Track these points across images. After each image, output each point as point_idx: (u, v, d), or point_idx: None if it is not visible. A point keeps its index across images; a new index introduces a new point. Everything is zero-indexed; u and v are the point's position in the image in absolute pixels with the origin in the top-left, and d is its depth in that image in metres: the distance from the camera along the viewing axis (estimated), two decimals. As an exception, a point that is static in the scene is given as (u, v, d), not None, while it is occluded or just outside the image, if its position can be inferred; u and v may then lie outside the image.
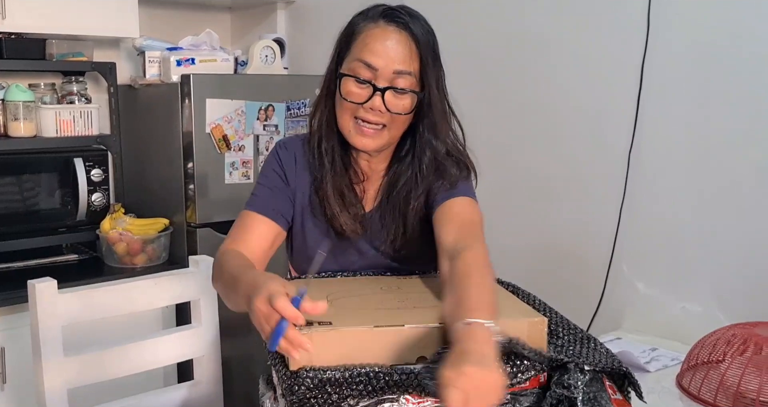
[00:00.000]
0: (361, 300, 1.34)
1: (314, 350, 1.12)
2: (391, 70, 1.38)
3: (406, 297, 1.35)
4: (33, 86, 2.79)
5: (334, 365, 1.13)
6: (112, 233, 2.70)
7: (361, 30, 1.42)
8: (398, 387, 1.12)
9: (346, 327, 1.16)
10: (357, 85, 1.40)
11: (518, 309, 1.29)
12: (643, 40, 2.09)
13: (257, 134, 2.80)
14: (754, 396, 1.45)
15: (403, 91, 1.39)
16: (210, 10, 3.47)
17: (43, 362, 1.64)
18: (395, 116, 1.41)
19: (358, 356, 1.15)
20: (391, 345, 1.16)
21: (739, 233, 1.96)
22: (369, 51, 1.38)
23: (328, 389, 1.11)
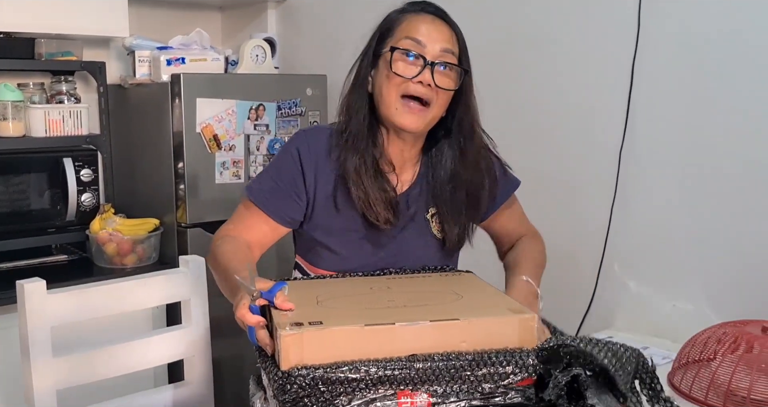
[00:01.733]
0: (351, 300, 1.34)
1: (305, 352, 1.12)
2: (439, 48, 1.45)
3: (396, 297, 1.35)
4: (22, 86, 2.77)
5: (325, 363, 1.13)
6: (102, 234, 2.69)
7: (404, 18, 1.50)
8: (391, 383, 1.12)
9: (336, 326, 1.16)
10: (406, 60, 1.45)
11: (510, 306, 1.29)
12: (633, 38, 2.09)
13: (248, 134, 2.79)
14: (745, 394, 1.45)
15: (450, 66, 1.47)
16: (200, 9, 3.46)
17: (32, 363, 1.63)
18: (440, 93, 1.46)
19: (349, 355, 1.14)
20: (382, 344, 1.16)
21: (730, 231, 1.96)
22: (416, 30, 1.46)
23: (320, 387, 1.11)
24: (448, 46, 1.47)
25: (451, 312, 1.24)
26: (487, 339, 1.20)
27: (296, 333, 1.12)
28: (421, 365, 1.14)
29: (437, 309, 1.28)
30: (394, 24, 1.50)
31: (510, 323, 1.21)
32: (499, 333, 1.21)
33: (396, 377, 1.12)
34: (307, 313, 1.21)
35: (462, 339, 1.19)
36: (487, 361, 1.16)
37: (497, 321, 1.22)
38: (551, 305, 1.43)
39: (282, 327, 1.13)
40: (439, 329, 1.19)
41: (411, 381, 1.13)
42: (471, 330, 1.20)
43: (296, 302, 1.25)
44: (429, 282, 1.48)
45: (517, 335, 1.20)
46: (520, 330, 1.21)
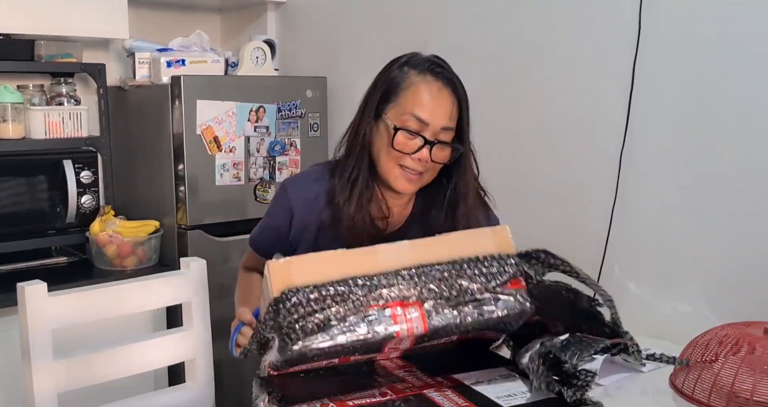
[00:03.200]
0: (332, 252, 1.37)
1: (293, 275, 1.16)
2: (439, 126, 1.50)
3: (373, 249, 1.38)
4: (21, 88, 2.77)
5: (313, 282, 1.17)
6: (102, 236, 2.68)
7: (410, 83, 1.52)
8: (382, 295, 1.17)
9: (321, 252, 1.22)
10: (407, 136, 1.50)
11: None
12: (634, 41, 2.09)
13: (248, 136, 2.79)
14: (747, 395, 1.45)
15: (446, 144, 1.53)
16: (200, 11, 3.46)
17: (33, 365, 1.63)
18: (435, 165, 1.54)
19: (336, 277, 1.18)
20: (365, 265, 1.20)
21: (730, 233, 1.96)
22: (420, 105, 1.50)
23: (313, 305, 1.14)
24: (449, 124, 1.52)
25: (429, 239, 1.31)
26: (466, 251, 1.26)
27: (284, 261, 1.17)
28: (407, 273, 1.19)
29: (415, 241, 1.32)
30: (399, 86, 1.53)
31: (485, 234, 1.30)
32: (476, 245, 1.27)
33: (385, 289, 1.17)
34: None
35: (442, 253, 1.25)
36: (470, 263, 1.23)
37: (473, 233, 1.31)
38: (553, 307, 1.42)
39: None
40: (419, 246, 1.25)
41: (400, 291, 1.18)
42: (449, 243, 1.27)
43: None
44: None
45: (493, 244, 1.27)
46: (496, 239, 1.29)
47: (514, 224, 2.44)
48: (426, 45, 2.65)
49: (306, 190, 1.63)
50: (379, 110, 1.54)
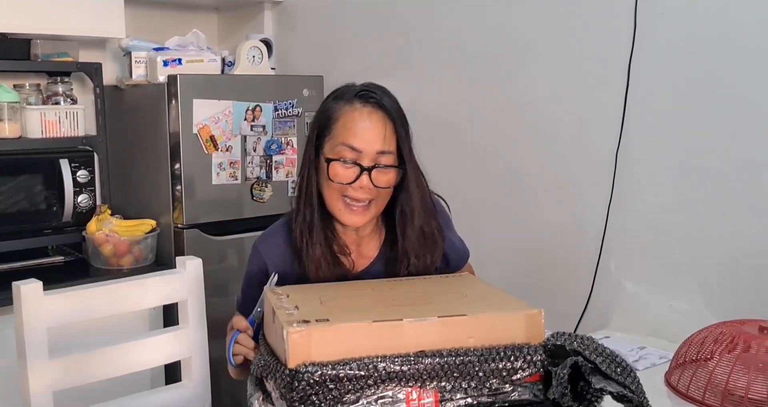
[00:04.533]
0: (355, 300, 1.34)
1: (312, 346, 1.12)
2: (375, 151, 1.48)
3: (398, 297, 1.35)
4: (18, 87, 2.77)
5: (333, 360, 1.13)
6: (99, 235, 2.68)
7: (340, 114, 1.51)
8: (399, 379, 1.13)
9: (343, 322, 1.16)
10: (343, 167, 1.48)
11: (515, 304, 1.30)
12: (630, 39, 2.10)
13: (245, 135, 2.79)
14: (742, 393, 1.45)
15: (386, 167, 1.49)
16: (197, 10, 3.46)
17: (29, 364, 1.63)
18: (381, 190, 1.51)
19: (357, 351, 1.14)
20: (389, 340, 1.16)
21: (725, 231, 1.96)
22: (352, 134, 1.48)
23: (329, 384, 1.11)
24: (384, 148, 1.49)
25: (458, 308, 1.25)
26: (494, 335, 1.21)
27: (304, 329, 1.12)
28: (429, 360, 1.15)
29: (443, 306, 1.29)
30: (330, 119, 1.52)
31: (517, 318, 1.22)
32: (506, 329, 1.22)
33: (404, 373, 1.13)
34: (311, 312, 1.22)
35: (469, 335, 1.20)
36: (496, 356, 1.17)
37: (505, 316, 1.22)
38: (549, 306, 1.43)
39: (289, 325, 1.13)
40: (447, 325, 1.19)
41: (419, 377, 1.14)
42: (478, 325, 1.21)
43: (300, 303, 1.26)
44: (431, 283, 1.48)
45: (524, 330, 1.21)
46: (528, 325, 1.22)
47: (510, 223, 2.46)
48: (423, 44, 2.66)
49: (274, 245, 1.62)
50: (318, 147, 1.53)
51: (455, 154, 2.57)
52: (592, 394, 1.18)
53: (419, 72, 2.68)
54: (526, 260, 2.42)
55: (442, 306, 1.28)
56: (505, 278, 1.78)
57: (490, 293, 1.39)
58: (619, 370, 1.18)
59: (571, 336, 1.23)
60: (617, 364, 1.19)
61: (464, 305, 1.31)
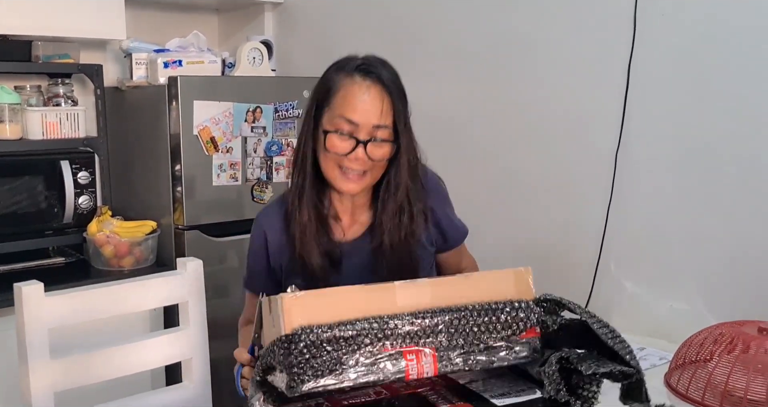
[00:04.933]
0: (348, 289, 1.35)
1: (306, 312, 1.13)
2: (371, 125, 1.51)
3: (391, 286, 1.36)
4: (19, 88, 2.77)
5: (328, 322, 1.14)
6: (99, 236, 2.69)
7: (340, 86, 1.54)
8: (395, 338, 1.14)
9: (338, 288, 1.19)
10: (340, 139, 1.52)
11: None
12: (629, 40, 2.10)
13: (245, 136, 2.79)
14: (741, 394, 1.45)
15: (382, 141, 1.53)
16: (197, 11, 3.46)
17: (30, 365, 1.63)
18: (375, 163, 1.54)
19: (351, 314, 1.15)
20: (382, 303, 1.18)
21: (725, 232, 1.96)
22: (350, 108, 1.51)
23: (326, 346, 1.11)
24: (380, 122, 1.51)
25: (449, 278, 1.29)
26: (485, 293, 1.23)
27: (299, 295, 1.14)
28: (423, 317, 1.17)
29: (435, 279, 1.30)
30: (330, 90, 1.55)
31: (506, 275, 1.26)
32: (496, 287, 1.25)
33: (399, 332, 1.14)
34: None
35: (461, 295, 1.22)
36: (488, 309, 1.20)
37: (493, 274, 1.26)
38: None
39: (285, 296, 1.14)
40: (439, 284, 1.22)
41: (414, 334, 1.15)
42: (469, 284, 1.24)
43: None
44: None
45: (513, 287, 1.24)
46: (517, 282, 1.26)
47: (510, 223, 2.46)
48: (423, 45, 2.66)
49: (273, 214, 1.67)
50: (316, 117, 1.57)
51: (455, 154, 2.57)
52: (587, 387, 1.19)
53: (420, 72, 2.68)
54: (526, 260, 2.38)
55: (434, 280, 1.30)
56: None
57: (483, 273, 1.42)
58: (609, 334, 1.20)
59: (561, 299, 1.26)
60: (605, 326, 1.21)
61: (456, 276, 1.34)
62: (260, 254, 1.68)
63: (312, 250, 1.58)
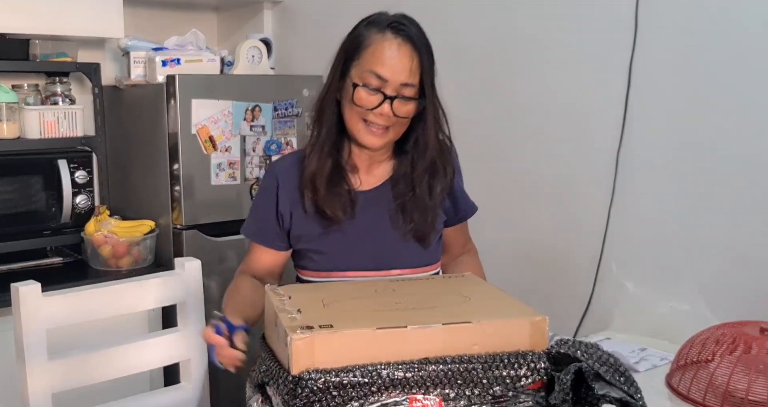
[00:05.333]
0: (358, 303, 1.33)
1: (316, 354, 1.12)
2: (398, 82, 1.53)
3: (402, 299, 1.34)
4: (16, 87, 2.76)
5: (336, 367, 1.12)
6: (97, 236, 2.68)
7: (370, 42, 1.55)
8: (403, 386, 1.13)
9: (347, 329, 1.16)
10: (367, 93, 1.53)
11: (519, 309, 1.29)
12: (631, 39, 2.09)
13: (244, 135, 2.78)
14: (743, 395, 1.45)
15: (408, 99, 1.54)
16: (196, 10, 3.45)
17: (27, 366, 1.62)
18: (399, 119, 1.56)
19: (361, 358, 1.14)
20: (393, 347, 1.16)
21: (727, 232, 1.96)
22: (379, 63, 1.53)
23: (332, 392, 1.11)
24: (408, 80, 1.54)
25: (462, 314, 1.24)
26: (498, 342, 1.20)
27: (307, 336, 1.12)
28: (433, 367, 1.15)
29: (447, 310, 1.28)
30: (361, 45, 1.57)
31: (521, 325, 1.22)
32: (510, 336, 1.21)
33: (408, 380, 1.13)
34: (315, 316, 1.21)
35: (474, 342, 1.19)
36: (500, 364, 1.17)
37: (509, 323, 1.22)
38: (550, 306, 1.43)
39: (292, 331, 1.12)
40: (451, 332, 1.19)
41: (423, 384, 1.14)
42: (483, 332, 1.20)
43: (303, 306, 1.26)
44: (433, 285, 1.49)
45: (528, 337, 1.21)
46: (532, 332, 1.22)
47: (511, 224, 2.46)
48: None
49: (289, 162, 1.68)
50: (344, 70, 1.59)
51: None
52: (593, 399, 1.18)
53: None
54: (528, 260, 2.41)
55: (446, 310, 1.28)
56: (506, 279, 1.78)
57: (494, 297, 1.39)
58: (622, 379, 1.18)
59: (575, 344, 1.22)
60: (620, 373, 1.19)
61: (468, 310, 1.30)
62: (270, 201, 1.67)
63: (328, 197, 1.59)
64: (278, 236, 1.67)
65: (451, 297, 1.37)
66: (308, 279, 1.67)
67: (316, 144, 1.62)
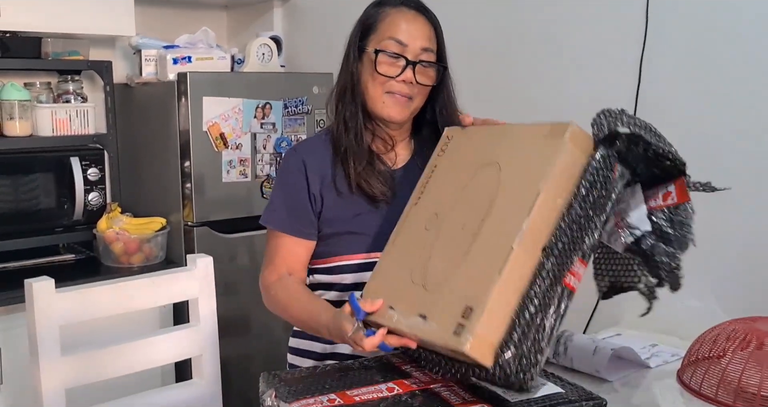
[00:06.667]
0: (433, 258, 1.29)
1: (485, 340, 1.12)
2: (419, 47, 1.54)
3: (447, 219, 1.32)
4: (28, 85, 2.78)
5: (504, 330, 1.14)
6: (109, 233, 2.69)
7: (386, 14, 1.58)
8: (558, 278, 1.18)
9: (481, 305, 1.14)
10: (389, 61, 1.53)
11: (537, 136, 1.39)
12: (641, 35, 2.08)
13: (254, 132, 2.79)
14: (755, 391, 1.44)
15: (430, 64, 1.56)
16: (206, 8, 3.47)
17: (41, 362, 1.63)
18: (421, 88, 1.56)
19: (511, 301, 1.15)
20: (521, 275, 1.16)
21: (738, 228, 1.95)
22: (398, 30, 1.54)
23: (524, 346, 1.14)
24: (427, 45, 1.55)
25: (519, 198, 1.22)
26: (566, 176, 1.24)
27: (471, 338, 1.11)
28: (555, 247, 1.17)
29: (508, 201, 1.24)
30: (376, 20, 1.59)
31: (561, 146, 1.31)
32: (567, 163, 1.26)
33: (554, 269, 1.17)
34: (444, 306, 1.19)
35: (555, 198, 1.20)
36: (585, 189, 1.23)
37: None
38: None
39: (459, 343, 1.11)
40: (535, 223, 1.18)
41: (561, 263, 1.17)
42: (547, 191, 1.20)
43: (399, 291, 1.27)
44: (453, 182, 1.41)
45: (574, 145, 1.32)
46: (574, 143, 1.32)
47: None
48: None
49: (310, 142, 1.67)
50: (361, 47, 1.59)
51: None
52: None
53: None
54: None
55: (506, 202, 1.24)
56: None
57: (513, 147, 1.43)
58: (658, 139, 1.28)
59: (615, 119, 1.30)
60: (654, 133, 1.29)
61: (511, 188, 1.26)
62: (299, 183, 1.58)
63: (368, 174, 1.57)
64: (312, 224, 1.58)
65: (484, 184, 1.31)
66: (334, 265, 1.59)
67: (342, 121, 1.59)
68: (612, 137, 1.23)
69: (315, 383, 1.28)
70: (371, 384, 1.26)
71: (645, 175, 1.31)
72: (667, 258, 1.29)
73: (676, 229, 1.32)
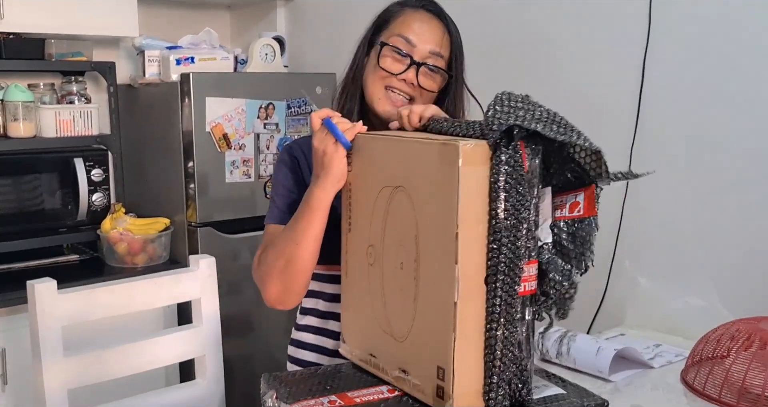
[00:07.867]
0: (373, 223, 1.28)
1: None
2: (428, 50, 1.51)
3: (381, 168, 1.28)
4: (32, 86, 2.78)
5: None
6: (113, 233, 2.70)
7: (402, 13, 1.55)
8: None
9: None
10: (394, 56, 1.50)
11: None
12: (644, 35, 2.08)
13: (258, 133, 2.79)
14: (759, 391, 1.44)
15: (435, 69, 1.52)
16: (209, 8, 3.47)
17: (44, 363, 1.64)
18: (423, 92, 1.52)
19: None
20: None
21: (741, 227, 1.94)
22: (409, 28, 1.51)
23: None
24: (437, 49, 1.52)
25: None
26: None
27: (453, 399, 1.11)
28: None
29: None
30: (391, 17, 1.56)
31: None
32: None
33: (504, 295, 1.13)
34: (415, 359, 1.19)
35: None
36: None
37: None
38: (562, 302, 1.41)
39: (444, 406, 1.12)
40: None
41: (506, 290, 1.13)
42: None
43: (374, 338, 1.29)
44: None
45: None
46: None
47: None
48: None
49: (304, 138, 1.64)
50: (372, 41, 1.56)
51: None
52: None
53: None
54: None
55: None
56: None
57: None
58: (561, 130, 1.22)
59: (508, 114, 1.21)
60: (558, 124, 1.22)
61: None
62: (294, 173, 1.56)
63: None
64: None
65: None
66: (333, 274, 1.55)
67: (343, 115, 1.53)
68: (509, 134, 1.15)
69: (316, 384, 1.28)
70: (372, 386, 1.26)
71: (560, 178, 1.24)
72: (561, 277, 1.20)
73: (576, 245, 1.23)
